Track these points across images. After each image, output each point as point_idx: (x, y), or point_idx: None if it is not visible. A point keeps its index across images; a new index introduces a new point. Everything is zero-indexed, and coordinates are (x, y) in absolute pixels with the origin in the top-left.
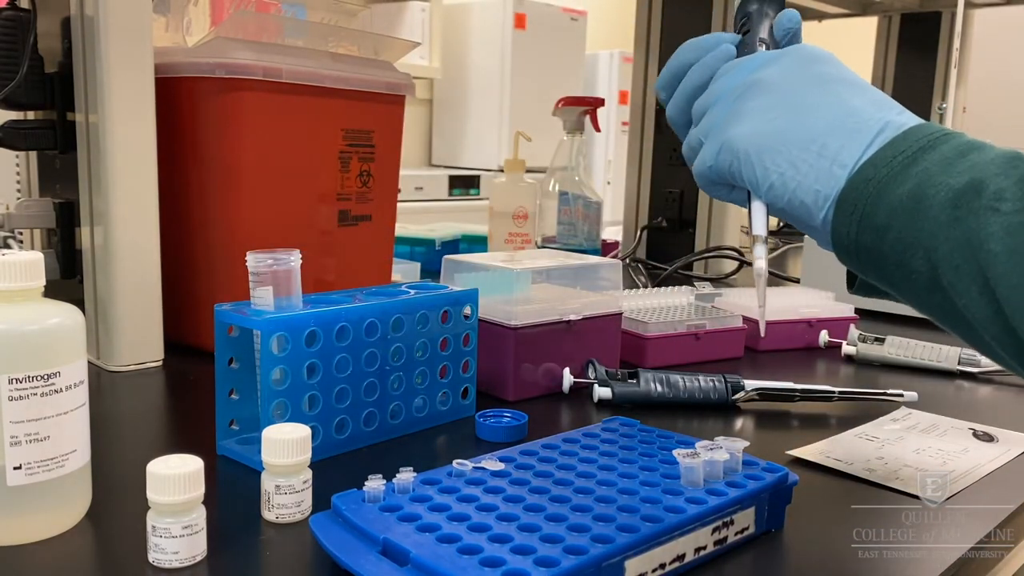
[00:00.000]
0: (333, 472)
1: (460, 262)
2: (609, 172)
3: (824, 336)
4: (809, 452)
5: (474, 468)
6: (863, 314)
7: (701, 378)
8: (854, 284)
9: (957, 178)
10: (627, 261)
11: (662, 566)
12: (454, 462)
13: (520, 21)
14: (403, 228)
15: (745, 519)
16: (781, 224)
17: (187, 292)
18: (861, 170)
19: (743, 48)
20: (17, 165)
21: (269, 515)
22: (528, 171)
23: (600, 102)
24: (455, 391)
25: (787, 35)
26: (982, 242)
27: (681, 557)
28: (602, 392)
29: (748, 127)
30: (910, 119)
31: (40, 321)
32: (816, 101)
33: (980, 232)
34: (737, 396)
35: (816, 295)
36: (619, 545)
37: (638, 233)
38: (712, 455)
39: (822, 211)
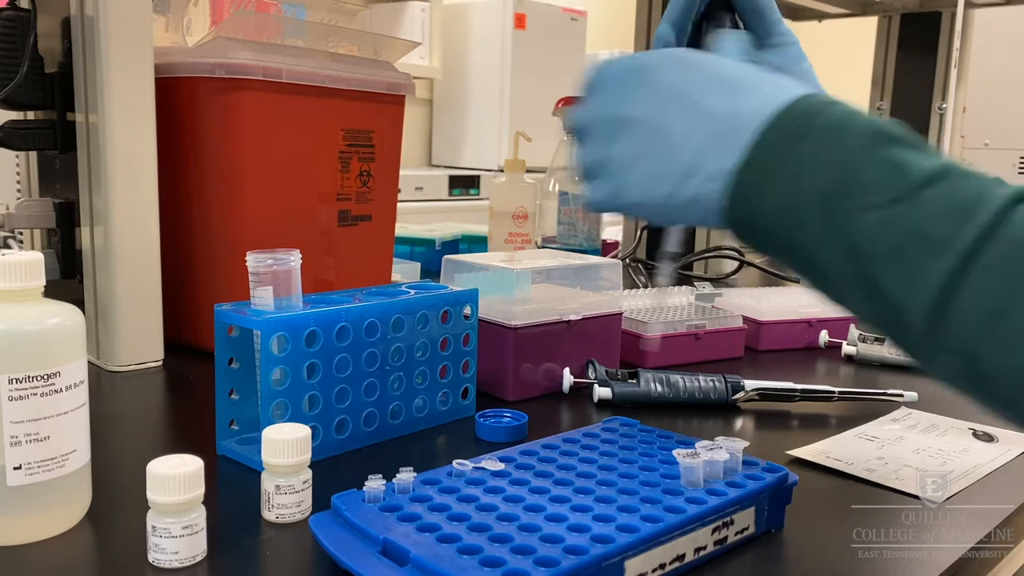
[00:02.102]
0: (333, 472)
1: (460, 262)
2: None
3: (824, 336)
4: (809, 452)
5: (474, 468)
6: None
7: (701, 378)
8: None
9: (823, 175)
10: (627, 261)
11: (662, 566)
12: (454, 462)
13: (520, 21)
14: (403, 228)
15: (745, 519)
16: None
17: (187, 292)
18: (735, 184)
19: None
20: (17, 165)
21: (269, 515)
22: (528, 171)
23: None
24: (455, 391)
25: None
26: (860, 248)
27: (681, 557)
28: (602, 392)
29: (627, 176)
30: (768, 100)
31: (40, 321)
32: (673, 119)
33: (857, 237)
34: (737, 396)
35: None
36: (619, 545)
37: (638, 233)
38: (712, 455)
39: (715, 218)
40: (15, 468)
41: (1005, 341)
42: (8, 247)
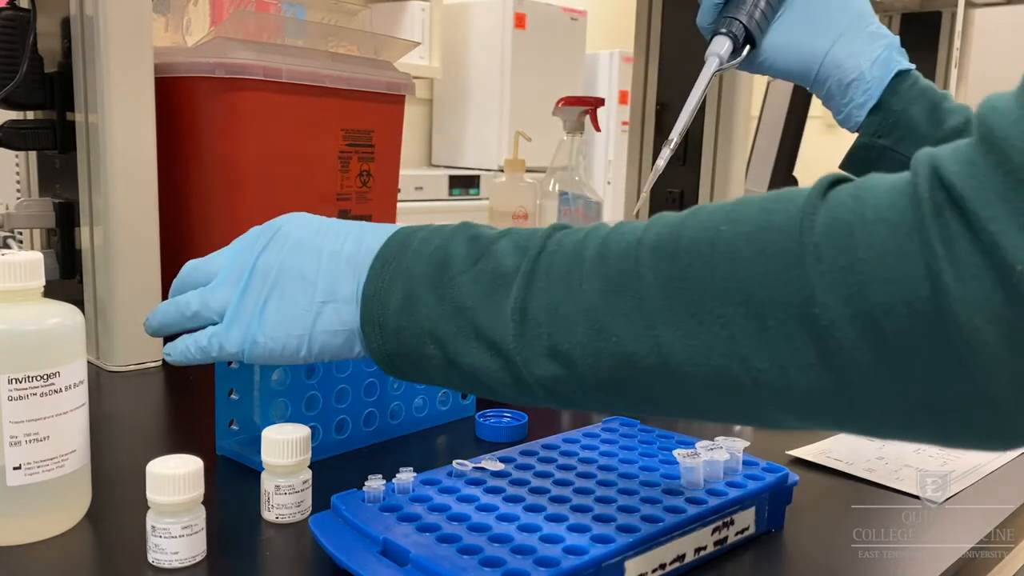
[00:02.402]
0: (333, 472)
1: None
2: (609, 172)
3: None
4: (809, 452)
5: (474, 468)
6: None
7: None
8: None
9: (428, 262)
10: None
11: (662, 566)
12: (454, 462)
13: (520, 21)
14: None
15: (745, 519)
16: None
17: None
18: (364, 296)
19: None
20: (17, 165)
21: (269, 515)
22: (528, 171)
23: (600, 102)
24: (455, 391)
25: None
26: (462, 307)
27: (681, 557)
28: None
29: (264, 318)
30: (376, 236)
31: (40, 321)
32: (303, 264)
33: (459, 298)
34: None
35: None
36: (619, 545)
37: None
38: (712, 455)
39: (356, 347)
40: (15, 468)
41: (565, 324)
42: (8, 247)
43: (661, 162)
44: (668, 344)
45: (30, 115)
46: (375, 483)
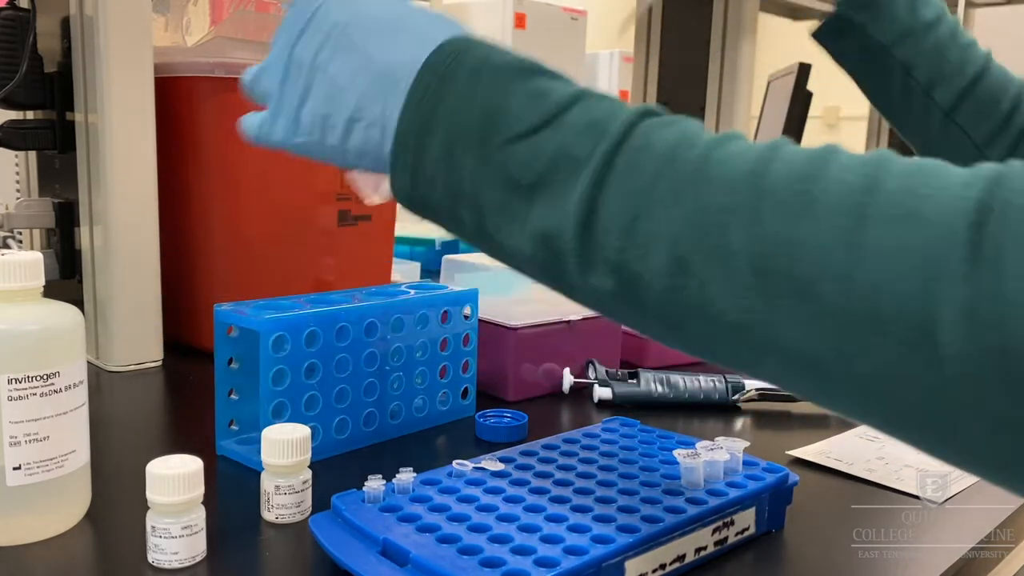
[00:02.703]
0: (333, 472)
1: (460, 262)
2: None
3: None
4: (809, 452)
5: (474, 468)
6: None
7: (701, 378)
8: None
9: (479, 110)
10: None
11: (662, 566)
12: (454, 462)
13: (520, 21)
14: (403, 228)
15: (745, 519)
16: None
17: (187, 292)
18: (396, 133)
19: None
20: (17, 165)
21: (269, 515)
22: None
23: None
24: (455, 391)
25: None
26: (515, 180)
27: (681, 557)
28: (602, 392)
29: (300, 115)
30: (420, 45)
31: (40, 321)
32: (338, 63)
33: (512, 169)
34: (737, 396)
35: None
36: (619, 545)
37: None
38: (712, 455)
39: (386, 167)
40: (15, 468)
41: (642, 243)
42: (8, 247)
43: None
44: (759, 312)
45: (30, 115)
46: (375, 483)
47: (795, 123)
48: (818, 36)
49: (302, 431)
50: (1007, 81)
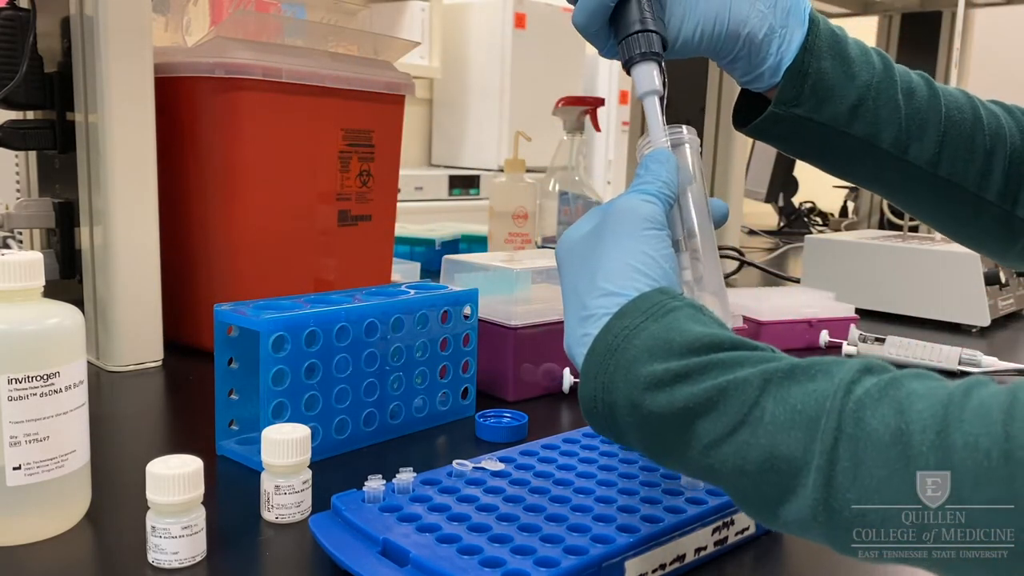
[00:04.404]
0: (333, 472)
1: (460, 262)
2: (609, 172)
3: (824, 336)
4: None
5: (474, 468)
6: (863, 314)
7: None
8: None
9: (663, 421)
10: None
11: (662, 566)
12: (454, 462)
13: (520, 21)
14: (403, 228)
15: (745, 519)
16: (782, 224)
17: (187, 292)
18: (581, 394)
19: None
20: (17, 165)
21: (269, 515)
22: (528, 171)
23: (600, 102)
24: (455, 391)
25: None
26: (727, 479)
27: (681, 557)
28: None
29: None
30: (608, 305)
31: (40, 321)
32: (568, 290)
33: (720, 470)
34: None
35: (816, 295)
36: (619, 545)
37: None
38: None
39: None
40: (15, 468)
41: (901, 532)
42: (8, 247)
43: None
44: None
45: (30, 115)
46: (375, 483)
47: None
48: (751, 132)
49: (302, 431)
50: (965, 108)
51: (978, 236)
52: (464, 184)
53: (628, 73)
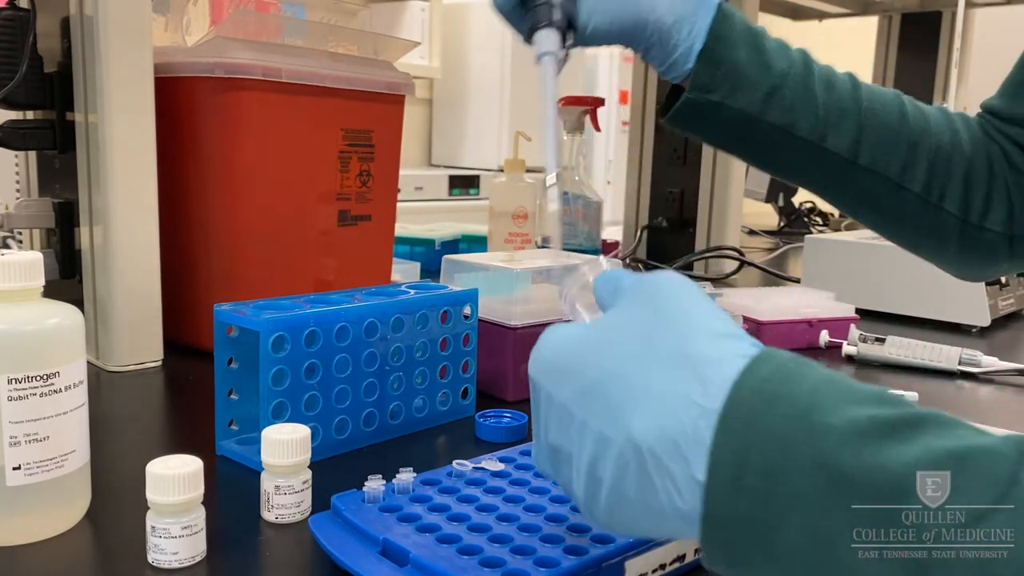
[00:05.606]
0: (333, 472)
1: (460, 262)
2: (609, 172)
3: (824, 336)
4: None
5: (474, 468)
6: (863, 314)
7: None
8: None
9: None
10: (627, 261)
11: (662, 566)
12: (454, 462)
13: None
14: (403, 228)
15: None
16: (782, 224)
17: (187, 292)
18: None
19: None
20: (17, 165)
21: (269, 515)
22: (528, 171)
23: (600, 102)
24: (455, 391)
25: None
26: None
27: (681, 558)
28: None
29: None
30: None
31: (39, 321)
32: (589, 456)
33: None
34: None
35: (816, 295)
36: (619, 546)
37: (638, 233)
38: None
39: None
40: (14, 468)
41: None
42: (7, 247)
43: (554, 205)
44: None
45: (30, 115)
46: (375, 483)
47: None
48: (671, 121)
49: (302, 431)
50: (889, 103)
51: (911, 235)
52: (464, 184)
53: (529, 42)
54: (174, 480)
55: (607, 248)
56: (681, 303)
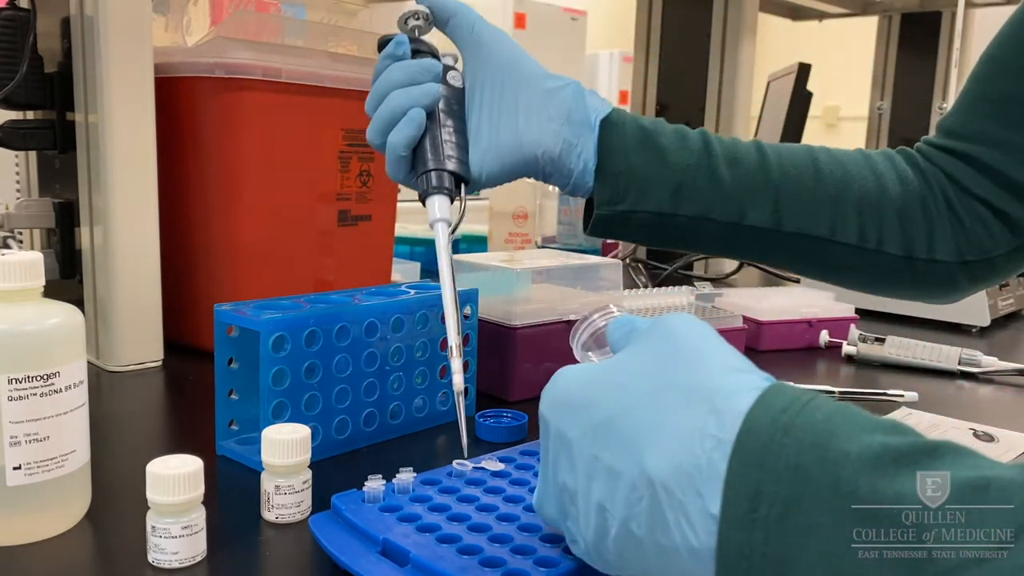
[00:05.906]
0: (333, 472)
1: (460, 262)
2: None
3: (824, 336)
4: None
5: (474, 468)
6: (863, 314)
7: None
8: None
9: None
10: (627, 261)
11: None
12: (454, 462)
13: (520, 21)
14: (403, 228)
15: None
16: None
17: (187, 292)
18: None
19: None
20: (17, 165)
21: (269, 515)
22: None
23: None
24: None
25: None
26: None
27: None
28: None
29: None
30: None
31: (40, 321)
32: (604, 495)
33: None
34: None
35: (816, 295)
36: None
37: None
38: None
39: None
40: (15, 468)
41: None
42: (8, 247)
43: (456, 362)
44: None
45: (30, 115)
46: (375, 483)
47: (795, 123)
48: (592, 233)
49: (302, 431)
50: (802, 164)
51: (861, 281)
52: None
53: (423, 203)
54: (174, 480)
55: (607, 248)
56: (694, 341)
